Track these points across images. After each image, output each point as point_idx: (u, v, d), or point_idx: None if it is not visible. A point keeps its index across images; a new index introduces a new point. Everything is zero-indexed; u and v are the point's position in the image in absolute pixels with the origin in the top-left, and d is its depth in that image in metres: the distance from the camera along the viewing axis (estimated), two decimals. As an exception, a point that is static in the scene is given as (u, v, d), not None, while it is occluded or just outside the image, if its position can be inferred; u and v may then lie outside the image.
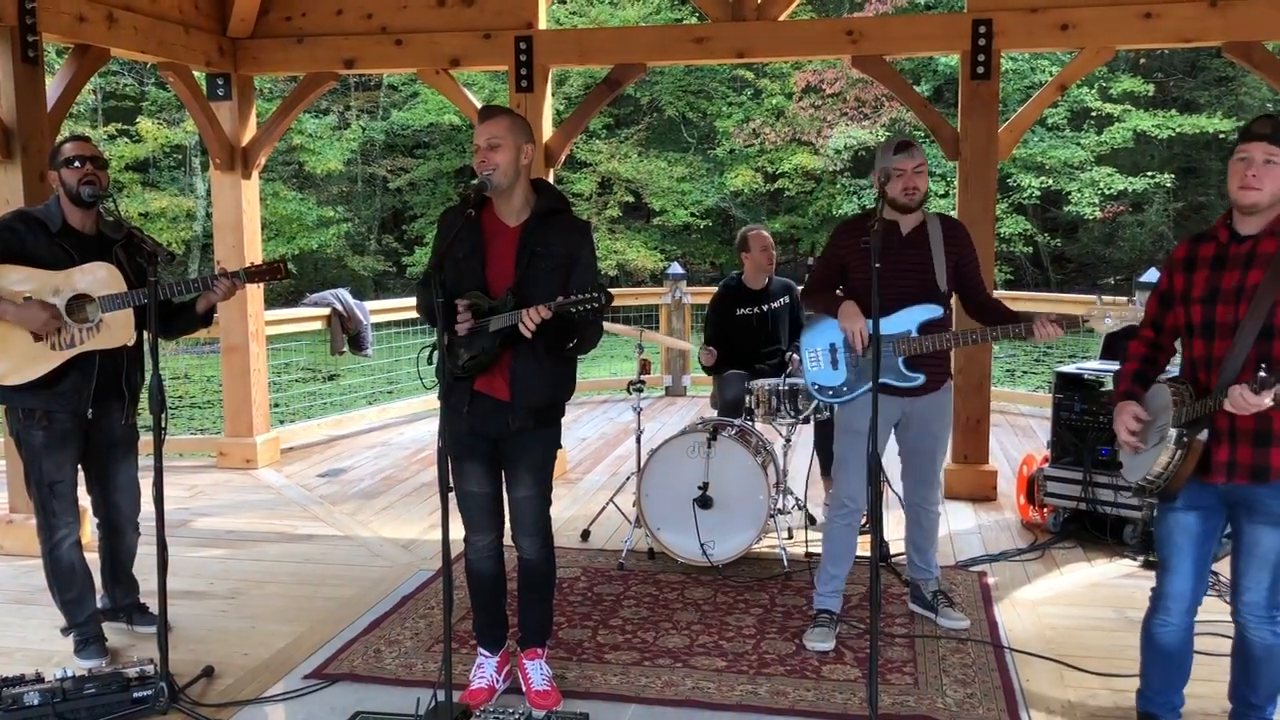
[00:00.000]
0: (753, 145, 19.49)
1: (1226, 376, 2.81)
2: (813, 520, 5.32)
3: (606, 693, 3.63)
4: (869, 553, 4.10)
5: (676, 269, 9.99)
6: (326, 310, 8.03)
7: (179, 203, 18.99)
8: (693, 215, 20.30)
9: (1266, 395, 2.66)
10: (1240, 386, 2.70)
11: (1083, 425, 5.32)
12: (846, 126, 18.46)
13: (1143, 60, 18.85)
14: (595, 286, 3.15)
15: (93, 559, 4.08)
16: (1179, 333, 3.05)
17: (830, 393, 4.03)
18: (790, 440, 5.33)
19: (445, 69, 6.50)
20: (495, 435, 3.38)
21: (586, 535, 5.41)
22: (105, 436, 3.94)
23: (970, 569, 4.89)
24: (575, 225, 3.41)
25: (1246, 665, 3.05)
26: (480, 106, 4.72)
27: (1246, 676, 3.06)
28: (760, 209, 21.01)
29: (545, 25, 6.44)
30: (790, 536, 5.27)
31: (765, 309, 5.50)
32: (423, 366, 3.42)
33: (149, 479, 3.54)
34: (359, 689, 3.68)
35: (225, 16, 6.51)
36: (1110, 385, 5.26)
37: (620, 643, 4.06)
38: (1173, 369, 3.15)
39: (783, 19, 6.10)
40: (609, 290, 3.18)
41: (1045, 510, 5.44)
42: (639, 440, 5.35)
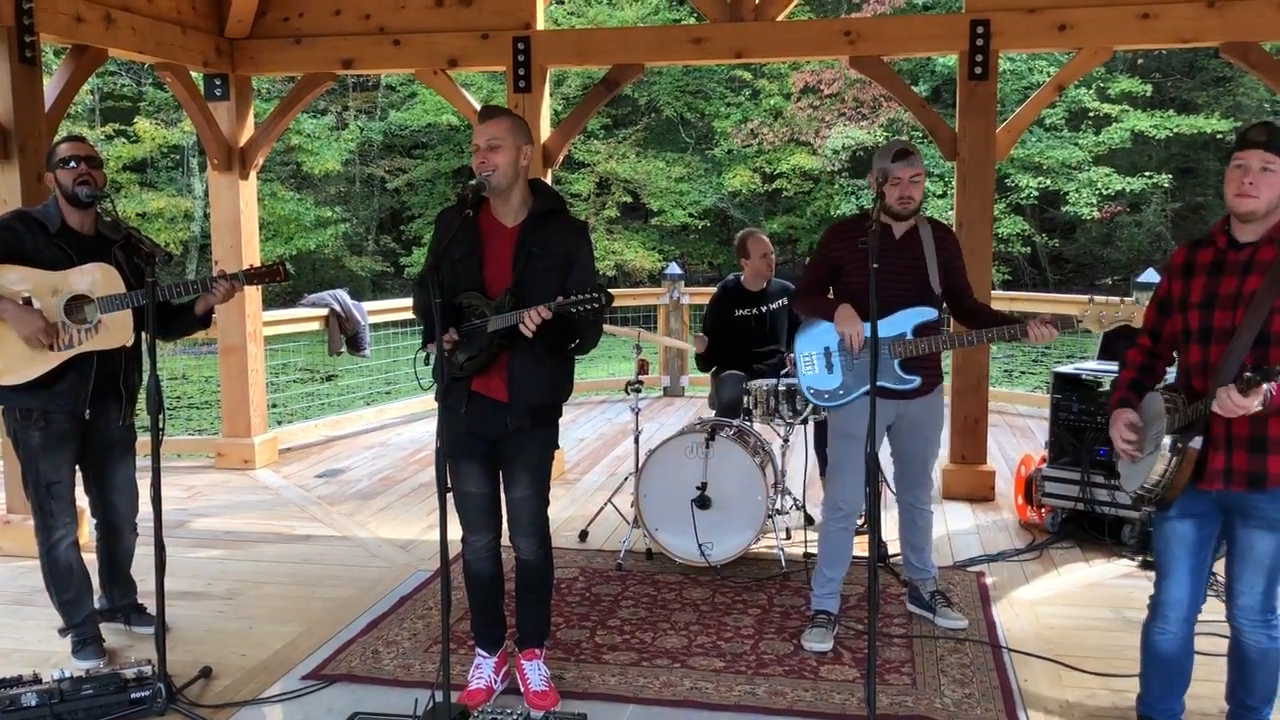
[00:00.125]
0: (751, 146, 19.47)
1: (1220, 382, 2.79)
2: (811, 520, 5.32)
3: (604, 693, 3.63)
4: (867, 553, 4.10)
5: (674, 269, 9.99)
6: (324, 311, 8.02)
7: (177, 203, 18.96)
8: (691, 216, 20.29)
9: (1254, 397, 2.64)
10: (1227, 388, 2.69)
11: (1081, 425, 5.32)
12: (844, 127, 18.45)
13: (1140, 61, 18.85)
14: (596, 286, 3.14)
15: (90, 560, 4.08)
16: (1177, 341, 3.04)
17: (826, 396, 4.02)
18: (788, 441, 5.34)
19: (443, 69, 6.51)
20: (493, 436, 3.38)
21: (584, 536, 5.41)
22: (103, 437, 3.94)
23: (968, 569, 4.89)
24: (573, 225, 3.41)
25: (1242, 668, 3.05)
26: (480, 107, 4.73)
27: (1242, 679, 3.06)
28: (758, 209, 21.00)
29: (543, 26, 6.44)
30: (788, 537, 5.27)
31: (764, 310, 5.51)
32: (420, 367, 3.42)
33: (147, 479, 3.54)
34: (357, 690, 3.68)
35: (223, 17, 6.51)
36: (1108, 386, 5.27)
37: (618, 643, 4.06)
38: (1171, 377, 3.15)
39: (781, 19, 6.11)
40: (609, 290, 3.18)
41: (1043, 510, 5.44)
42: (637, 441, 5.35)
